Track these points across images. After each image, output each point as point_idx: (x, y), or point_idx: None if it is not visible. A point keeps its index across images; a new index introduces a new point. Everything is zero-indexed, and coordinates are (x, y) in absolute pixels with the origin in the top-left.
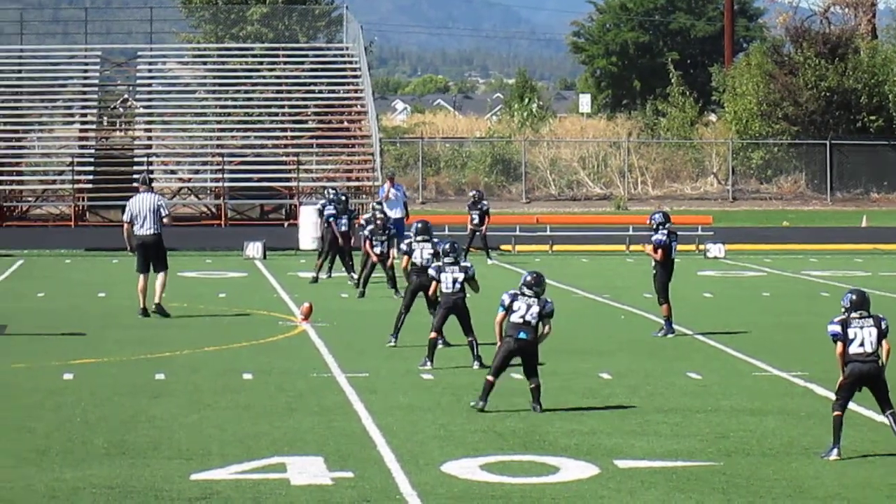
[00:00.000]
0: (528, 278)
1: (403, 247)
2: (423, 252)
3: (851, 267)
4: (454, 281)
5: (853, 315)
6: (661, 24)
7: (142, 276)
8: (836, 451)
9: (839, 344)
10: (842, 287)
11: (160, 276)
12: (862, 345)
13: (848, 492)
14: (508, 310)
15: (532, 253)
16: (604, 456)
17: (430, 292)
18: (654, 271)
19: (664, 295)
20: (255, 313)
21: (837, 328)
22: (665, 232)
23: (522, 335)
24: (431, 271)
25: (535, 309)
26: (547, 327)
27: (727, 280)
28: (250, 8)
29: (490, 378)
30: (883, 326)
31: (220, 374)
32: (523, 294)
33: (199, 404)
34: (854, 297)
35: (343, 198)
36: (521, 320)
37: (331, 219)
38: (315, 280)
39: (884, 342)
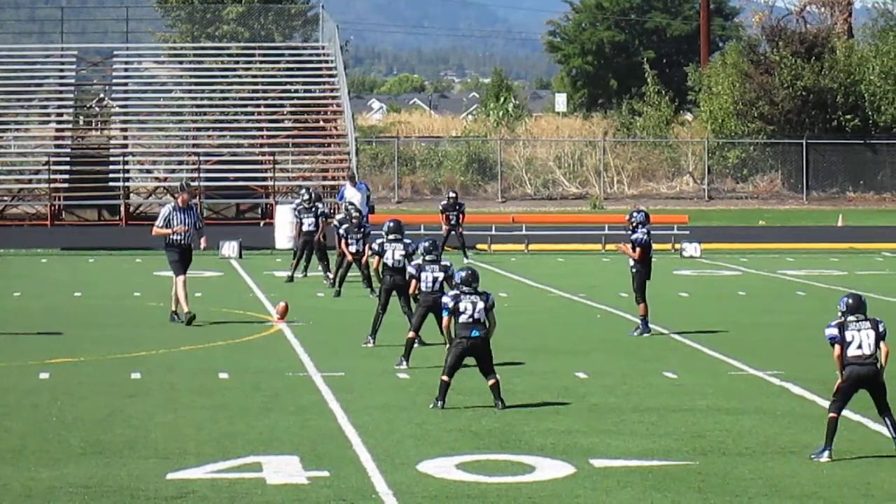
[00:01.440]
0: (464, 275)
1: (375, 247)
2: (394, 252)
3: (827, 266)
4: (434, 280)
5: (850, 318)
6: (636, 23)
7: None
8: (827, 452)
9: (837, 347)
10: (818, 286)
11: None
12: (860, 347)
13: (824, 491)
14: (454, 312)
15: (508, 252)
16: (580, 455)
17: (410, 291)
18: (634, 270)
19: (642, 294)
20: (231, 312)
21: (835, 331)
22: (645, 231)
23: (475, 333)
24: (411, 269)
25: (481, 305)
26: (493, 320)
27: (703, 279)
28: (226, 7)
29: (445, 378)
30: (880, 329)
31: (196, 373)
32: (464, 293)
33: (175, 404)
34: (850, 300)
35: (314, 196)
36: (470, 319)
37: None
38: (290, 279)
39: (882, 344)
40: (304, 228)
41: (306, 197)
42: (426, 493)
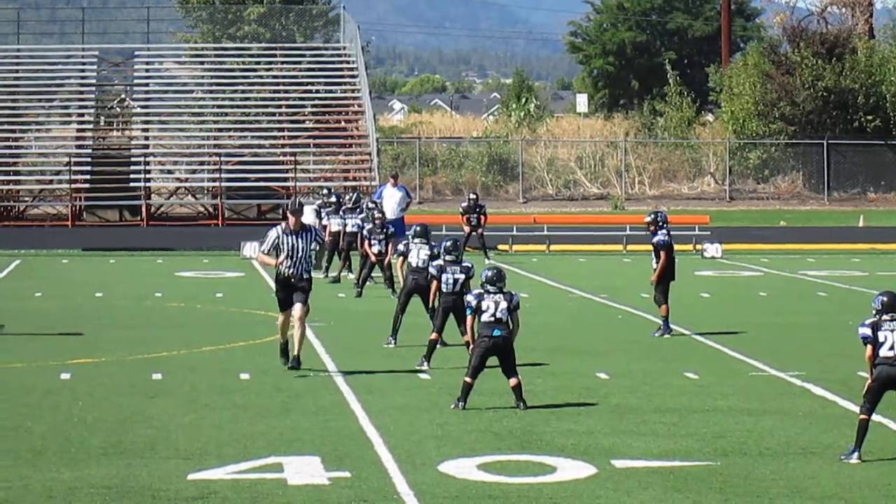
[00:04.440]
0: (489, 274)
1: (400, 247)
2: (419, 253)
3: (848, 267)
4: (455, 281)
5: (885, 317)
6: (658, 23)
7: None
8: (856, 454)
9: (869, 347)
10: (839, 287)
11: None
12: (892, 348)
13: (845, 492)
14: (477, 310)
15: (529, 253)
16: (601, 456)
17: (432, 291)
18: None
19: (664, 295)
20: (252, 313)
21: (868, 331)
22: (665, 232)
23: (497, 332)
24: (432, 269)
25: (504, 304)
26: (517, 321)
27: (724, 280)
28: (247, 8)
29: (468, 379)
30: None
31: (218, 373)
32: (488, 292)
33: (196, 404)
34: (885, 298)
35: (335, 197)
36: (492, 318)
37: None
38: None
39: None
40: (333, 229)
41: (353, 197)
42: (447, 493)
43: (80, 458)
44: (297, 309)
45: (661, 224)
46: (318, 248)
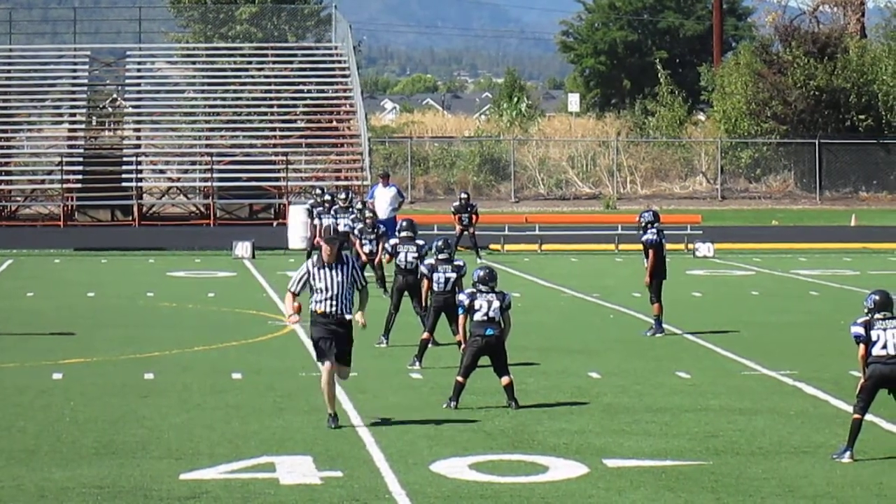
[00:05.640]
0: (482, 274)
1: (388, 247)
2: (407, 253)
3: (840, 266)
4: (446, 280)
5: (877, 316)
6: (649, 23)
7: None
8: (848, 453)
9: (861, 346)
10: (831, 286)
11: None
12: (885, 347)
13: (837, 490)
14: (470, 310)
15: (521, 252)
16: (593, 455)
17: (424, 291)
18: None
19: (657, 294)
20: (244, 313)
21: (860, 330)
22: (655, 231)
23: (490, 332)
24: (423, 269)
25: (496, 304)
26: (508, 320)
27: (716, 279)
28: (239, 7)
29: (460, 378)
30: None
31: (210, 373)
32: (480, 291)
33: (188, 404)
34: (878, 297)
35: (329, 197)
36: (485, 318)
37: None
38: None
39: None
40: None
41: (346, 197)
42: (439, 493)
43: (72, 457)
44: (329, 363)
45: (647, 223)
46: (361, 289)
